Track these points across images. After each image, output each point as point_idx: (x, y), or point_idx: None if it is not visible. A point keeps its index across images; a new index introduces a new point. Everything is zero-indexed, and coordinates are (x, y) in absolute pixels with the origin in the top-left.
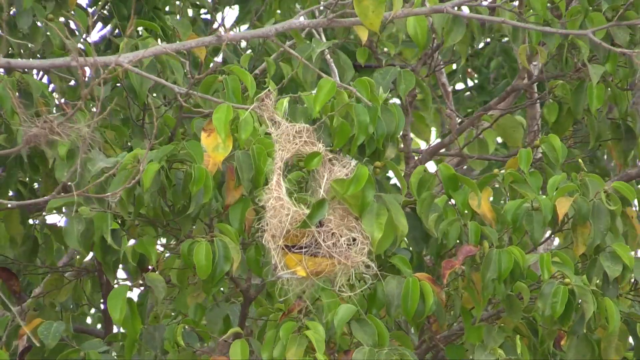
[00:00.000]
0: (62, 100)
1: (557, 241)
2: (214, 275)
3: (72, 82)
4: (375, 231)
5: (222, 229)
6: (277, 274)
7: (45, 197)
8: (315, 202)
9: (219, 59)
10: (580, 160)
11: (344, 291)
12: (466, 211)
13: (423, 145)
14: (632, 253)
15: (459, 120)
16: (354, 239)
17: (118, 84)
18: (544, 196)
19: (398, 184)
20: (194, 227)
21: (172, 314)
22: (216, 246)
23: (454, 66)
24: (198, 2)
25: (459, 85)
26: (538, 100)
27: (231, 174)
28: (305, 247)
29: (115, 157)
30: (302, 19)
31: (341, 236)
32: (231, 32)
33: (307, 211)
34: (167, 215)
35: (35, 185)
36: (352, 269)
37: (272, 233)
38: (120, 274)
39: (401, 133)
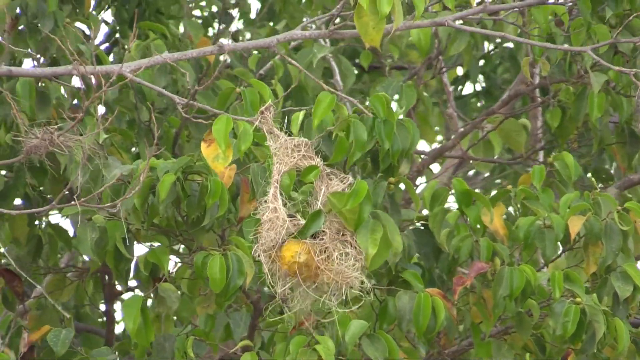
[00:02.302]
0: (72, 104)
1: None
2: (228, 290)
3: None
4: (370, 247)
5: (236, 242)
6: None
7: (47, 207)
8: (311, 214)
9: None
10: (592, 179)
11: (334, 306)
12: (478, 226)
13: (426, 147)
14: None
15: (462, 123)
16: (347, 254)
17: (125, 86)
18: (556, 214)
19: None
20: (206, 238)
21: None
22: (230, 260)
23: (459, 70)
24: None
25: (466, 89)
26: (541, 104)
27: (246, 187)
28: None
29: (130, 165)
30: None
31: (334, 250)
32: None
33: (303, 221)
34: (180, 226)
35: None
36: (344, 285)
37: (268, 245)
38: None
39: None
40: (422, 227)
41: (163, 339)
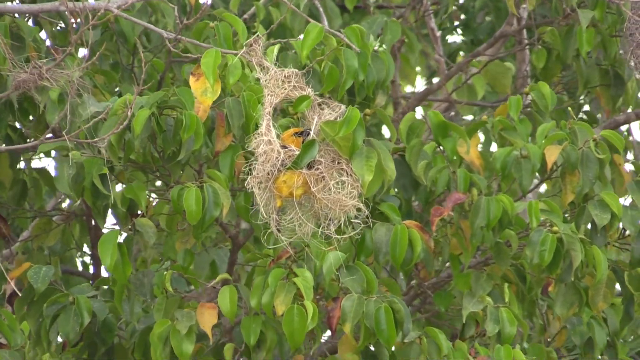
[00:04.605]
0: (51, 45)
1: (543, 188)
2: (204, 221)
3: (62, 26)
4: (366, 174)
5: (212, 175)
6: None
7: (35, 142)
8: (304, 143)
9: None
10: (569, 108)
11: (332, 235)
12: (455, 157)
13: (409, 87)
14: (621, 200)
15: (448, 66)
16: (343, 182)
17: (108, 29)
18: (533, 144)
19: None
20: (183, 173)
21: (160, 259)
22: (206, 192)
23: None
24: None
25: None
26: (527, 46)
27: (221, 121)
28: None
29: (107, 102)
30: None
31: (330, 179)
32: None
33: (298, 151)
34: (157, 161)
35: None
36: (342, 213)
37: (263, 177)
38: (109, 219)
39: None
40: (399, 158)
41: (142, 274)
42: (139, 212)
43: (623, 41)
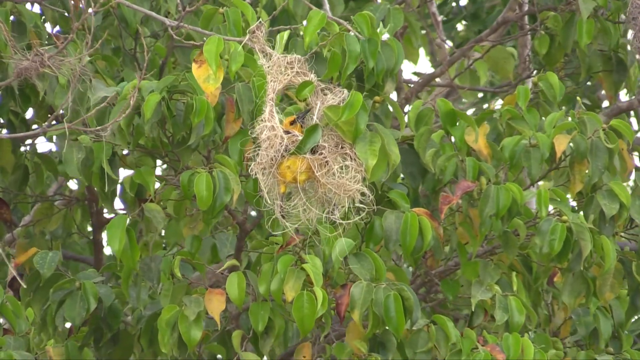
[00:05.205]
0: (54, 31)
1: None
2: (215, 206)
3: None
4: (370, 158)
5: (222, 160)
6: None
7: (37, 130)
8: (308, 128)
9: None
10: (578, 98)
11: (337, 220)
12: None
13: (411, 67)
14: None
15: (450, 50)
16: (347, 167)
17: (109, 14)
18: (542, 133)
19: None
20: (192, 158)
21: (163, 243)
22: (217, 177)
23: None
24: None
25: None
26: (529, 32)
27: (231, 106)
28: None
29: (115, 87)
30: None
31: (334, 164)
32: None
33: (301, 136)
34: (166, 147)
35: (27, 115)
36: (347, 197)
37: (267, 163)
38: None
39: None
40: (408, 147)
41: (149, 259)
42: (147, 197)
43: (626, 26)
